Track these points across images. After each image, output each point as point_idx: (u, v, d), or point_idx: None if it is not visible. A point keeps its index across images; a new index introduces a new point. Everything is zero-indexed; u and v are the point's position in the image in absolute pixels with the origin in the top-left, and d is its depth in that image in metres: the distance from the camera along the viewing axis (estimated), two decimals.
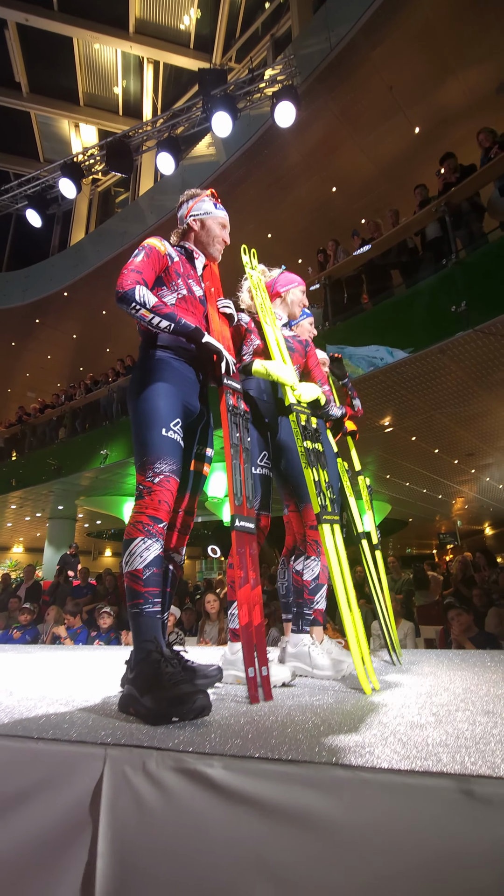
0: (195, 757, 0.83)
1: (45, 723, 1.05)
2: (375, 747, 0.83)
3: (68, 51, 11.05)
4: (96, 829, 0.83)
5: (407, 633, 3.63)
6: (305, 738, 0.91)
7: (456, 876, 0.65)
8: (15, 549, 16.44)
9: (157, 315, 1.43)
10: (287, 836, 0.74)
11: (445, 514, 13.71)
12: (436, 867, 0.67)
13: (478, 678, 1.58)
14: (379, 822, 0.71)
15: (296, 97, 6.19)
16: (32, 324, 11.72)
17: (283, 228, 9.26)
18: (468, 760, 0.75)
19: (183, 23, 10.70)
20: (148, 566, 1.24)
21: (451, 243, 5.23)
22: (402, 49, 6.46)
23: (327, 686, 1.52)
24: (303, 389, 1.72)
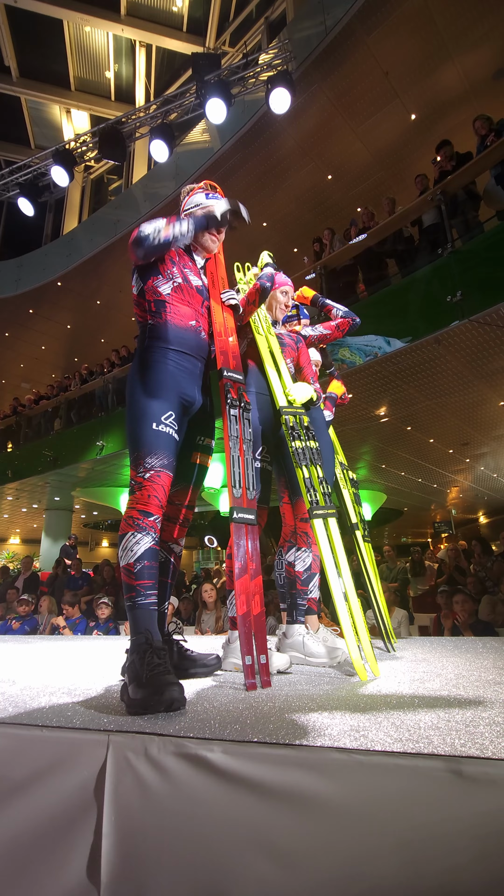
0: (196, 742, 0.86)
1: (49, 711, 1.08)
2: (369, 731, 0.86)
3: (58, 34, 10.81)
4: (101, 812, 0.86)
5: (401, 620, 3.69)
6: (302, 723, 0.94)
7: (443, 852, 0.69)
8: (12, 541, 16.47)
9: (173, 225, 1.49)
10: (285, 816, 0.77)
11: (440, 503, 13.80)
12: (425, 843, 0.70)
13: (469, 664, 1.62)
14: (372, 802, 0.74)
15: (291, 83, 6.10)
16: (26, 314, 11.61)
17: (278, 216, 9.18)
18: (458, 742, 0.78)
19: (175, 5, 10.47)
20: (138, 560, 1.26)
21: (447, 232, 5.22)
22: (398, 34, 6.37)
23: (323, 673, 1.56)
24: (296, 391, 1.74)
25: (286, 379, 1.79)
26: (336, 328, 2.26)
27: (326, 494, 1.58)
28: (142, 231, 1.45)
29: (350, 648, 1.37)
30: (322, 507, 1.55)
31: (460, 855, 0.68)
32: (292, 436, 1.64)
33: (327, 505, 1.56)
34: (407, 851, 0.70)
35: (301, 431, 1.66)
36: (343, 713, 1.00)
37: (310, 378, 2.07)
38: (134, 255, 1.50)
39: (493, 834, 0.68)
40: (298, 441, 1.63)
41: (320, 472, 1.61)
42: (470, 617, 3.30)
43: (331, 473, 2.12)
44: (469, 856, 0.67)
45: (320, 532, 1.51)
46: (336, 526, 1.55)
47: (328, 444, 2.16)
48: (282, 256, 9.76)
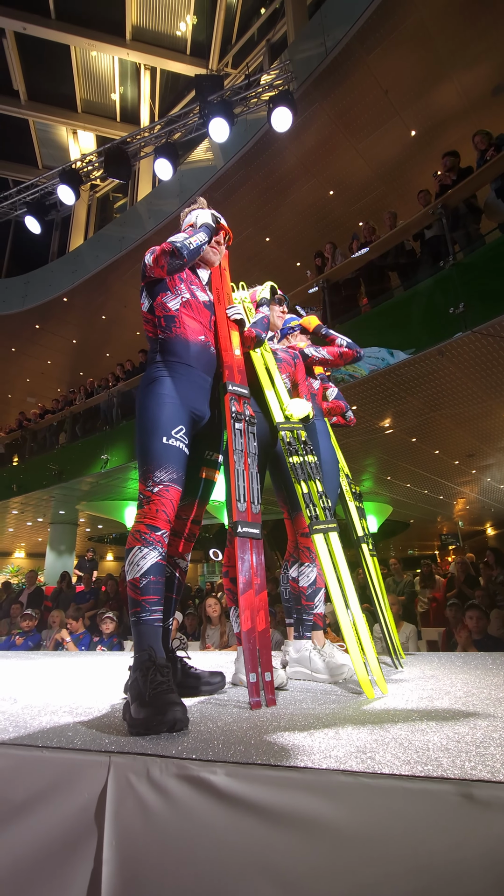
0: (198, 764, 0.84)
1: (50, 731, 1.06)
2: (377, 752, 0.84)
3: (66, 58, 11.11)
4: (101, 836, 0.84)
5: (409, 635, 3.63)
6: (307, 744, 0.92)
7: (455, 879, 0.66)
8: (17, 555, 16.45)
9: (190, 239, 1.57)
10: (290, 841, 0.75)
11: (447, 515, 13.70)
12: (436, 871, 0.68)
13: (479, 681, 1.59)
14: (380, 827, 0.72)
15: (292, 102, 6.22)
16: (32, 329, 11.75)
17: (281, 232, 9.30)
18: (468, 765, 0.76)
19: (179, 29, 10.76)
20: (144, 575, 1.25)
21: (449, 245, 5.25)
22: (397, 53, 6.50)
23: (330, 691, 1.53)
24: (293, 407, 1.74)
25: (283, 395, 1.79)
26: (339, 356, 2.25)
27: (326, 509, 1.56)
28: (175, 242, 1.51)
29: (356, 665, 1.35)
30: (322, 522, 1.53)
31: (475, 883, 0.65)
32: (290, 451, 1.63)
33: (327, 519, 1.55)
34: (418, 879, 0.68)
35: (298, 446, 1.65)
36: (349, 733, 0.97)
37: (304, 395, 2.07)
38: (159, 269, 1.52)
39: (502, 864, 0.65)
40: (296, 456, 1.62)
41: (319, 486, 1.59)
42: (480, 633, 3.24)
43: (334, 486, 2.11)
44: (485, 883, 0.65)
45: (321, 547, 1.49)
46: (337, 540, 1.53)
47: (331, 455, 2.15)
48: (285, 270, 9.88)
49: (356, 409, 6.43)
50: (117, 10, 10.21)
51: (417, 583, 7.04)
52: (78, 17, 10.14)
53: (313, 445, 2.09)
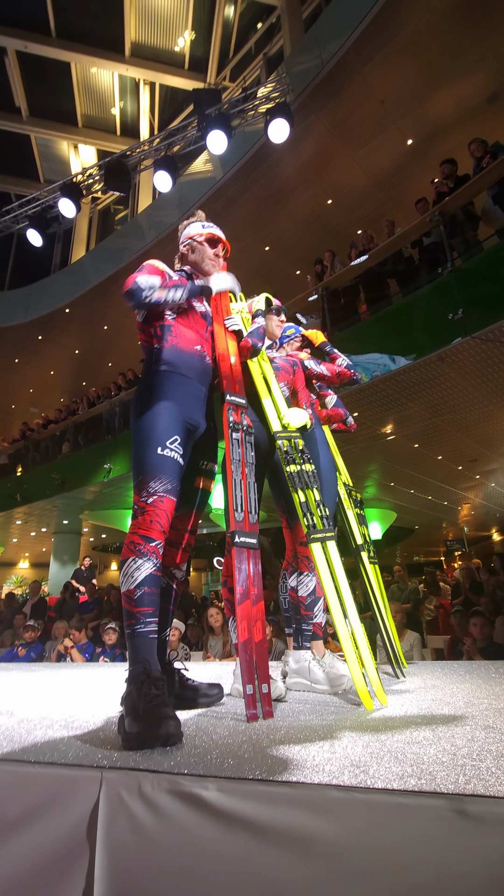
0: (190, 779, 0.83)
1: (44, 745, 1.05)
2: (370, 766, 0.83)
3: (66, 75, 11.32)
4: (93, 854, 0.83)
5: (413, 644, 3.60)
6: (301, 757, 0.90)
7: (449, 894, 0.65)
8: (21, 565, 16.44)
9: (168, 290, 1.48)
10: (283, 858, 0.74)
11: (452, 520, 13.62)
12: (430, 887, 0.66)
13: (481, 691, 1.57)
14: (373, 843, 0.71)
15: (289, 114, 6.29)
16: (35, 340, 11.84)
17: (280, 241, 9.37)
18: (462, 779, 0.75)
19: (177, 45, 10.93)
20: (139, 586, 1.24)
21: (447, 252, 5.28)
22: (393, 63, 6.58)
23: (328, 702, 1.52)
24: (290, 416, 1.74)
25: (280, 404, 1.79)
26: (336, 375, 2.26)
27: (324, 517, 1.56)
28: (137, 284, 1.43)
29: (354, 676, 1.33)
30: (320, 531, 1.53)
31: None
32: (287, 460, 1.63)
33: (325, 528, 1.54)
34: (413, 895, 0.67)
35: (296, 455, 1.65)
36: (344, 746, 0.96)
37: (303, 403, 2.07)
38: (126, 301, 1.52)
39: (497, 882, 0.64)
40: (293, 465, 1.62)
41: (317, 495, 1.59)
42: (484, 640, 3.20)
43: (333, 495, 2.10)
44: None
45: (318, 556, 1.48)
46: (335, 549, 1.52)
47: (330, 464, 2.14)
48: (285, 279, 9.92)
49: (357, 415, 6.43)
50: (116, 27, 10.40)
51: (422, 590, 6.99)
52: (78, 34, 10.34)
53: (312, 454, 2.09)
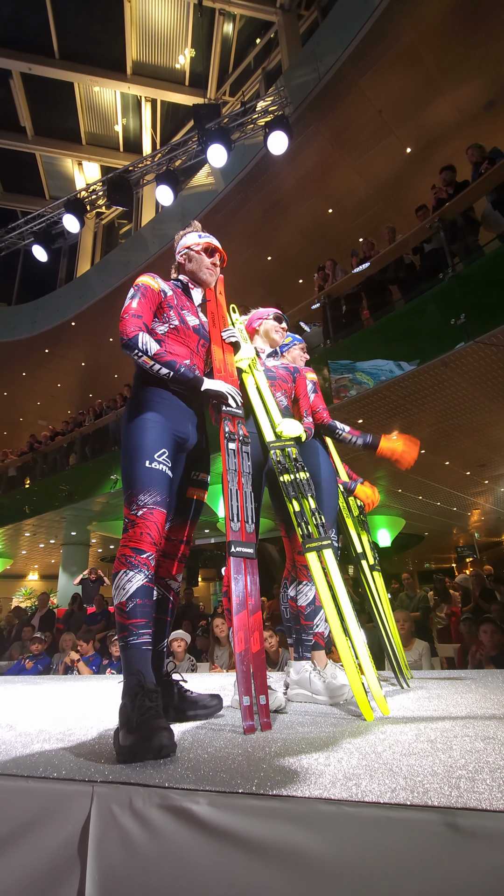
0: (181, 793, 0.82)
1: (39, 759, 1.05)
2: (363, 779, 0.81)
3: (70, 94, 11.58)
4: (84, 870, 0.82)
5: (422, 653, 3.54)
6: (294, 770, 0.89)
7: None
8: (30, 577, 16.49)
9: (158, 363, 1.49)
10: (272, 873, 0.73)
11: (462, 526, 13.48)
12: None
13: (486, 700, 1.54)
14: (363, 858, 0.70)
15: (287, 126, 6.38)
16: (42, 354, 11.99)
17: (282, 251, 9.44)
18: (454, 793, 0.73)
19: (178, 62, 11.15)
20: (131, 598, 1.24)
21: (448, 257, 5.28)
22: (390, 73, 6.65)
23: (329, 713, 1.50)
24: (285, 426, 1.74)
25: (274, 413, 1.79)
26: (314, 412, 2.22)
27: (320, 526, 1.55)
28: (135, 339, 1.48)
29: (354, 686, 1.32)
30: (315, 540, 1.52)
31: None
32: (280, 470, 1.63)
33: (321, 537, 1.53)
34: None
35: (289, 464, 1.65)
36: (339, 759, 0.95)
37: (304, 410, 2.07)
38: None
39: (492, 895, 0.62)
40: (287, 474, 1.62)
41: (312, 503, 1.58)
42: (494, 648, 3.15)
43: (333, 503, 2.09)
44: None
45: (314, 565, 1.47)
46: (332, 557, 1.51)
47: (329, 472, 2.13)
48: (288, 288, 9.97)
49: (362, 422, 6.42)
50: (118, 47, 10.64)
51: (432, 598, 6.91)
52: (80, 55, 10.60)
53: (310, 463, 2.08)
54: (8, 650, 6.57)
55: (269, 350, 2.19)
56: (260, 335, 2.19)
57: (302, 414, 2.07)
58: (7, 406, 13.95)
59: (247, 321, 2.21)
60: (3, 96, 11.41)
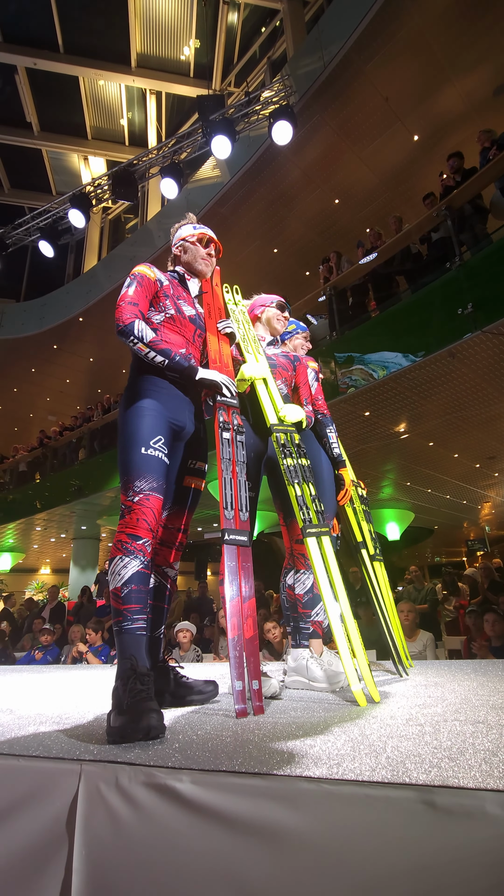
0: (165, 772, 0.83)
1: (32, 740, 1.07)
2: (345, 760, 0.82)
3: (74, 89, 11.57)
4: (72, 846, 0.84)
5: (427, 644, 3.53)
6: (279, 750, 0.90)
7: (417, 887, 0.64)
8: (42, 571, 16.71)
9: (153, 350, 1.50)
10: (253, 849, 0.73)
11: (473, 520, 13.37)
12: (397, 878, 0.65)
13: (482, 688, 1.53)
14: (342, 834, 0.70)
15: (292, 116, 6.31)
16: (51, 350, 12.08)
17: (288, 243, 9.38)
18: (434, 772, 0.73)
19: (183, 53, 11.08)
20: (126, 584, 1.25)
21: (455, 246, 5.21)
22: (396, 60, 6.54)
23: (323, 699, 1.50)
24: (287, 411, 1.74)
25: (276, 398, 1.79)
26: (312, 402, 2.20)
27: (319, 513, 1.55)
28: (131, 326, 1.49)
29: (347, 673, 1.32)
30: (315, 526, 1.52)
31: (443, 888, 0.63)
32: (284, 453, 1.62)
33: (321, 523, 1.53)
34: (378, 889, 0.65)
35: (292, 449, 1.64)
36: (325, 741, 0.95)
37: (304, 399, 2.06)
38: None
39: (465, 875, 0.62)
40: (290, 459, 1.62)
41: (312, 489, 1.58)
42: (498, 639, 3.13)
43: (333, 492, 2.08)
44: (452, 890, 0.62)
45: (314, 551, 1.47)
46: (330, 545, 1.51)
47: (329, 463, 2.13)
48: (294, 280, 9.89)
49: (369, 414, 6.38)
50: (122, 40, 10.59)
51: (440, 591, 6.87)
52: (85, 49, 10.58)
53: (312, 451, 2.08)
54: (20, 641, 6.69)
55: (270, 338, 2.18)
56: (262, 322, 2.18)
57: (302, 402, 2.07)
58: (17, 402, 14.10)
59: (249, 306, 2.20)
60: (9, 93, 11.44)
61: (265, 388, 1.80)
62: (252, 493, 1.78)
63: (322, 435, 2.17)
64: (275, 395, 1.82)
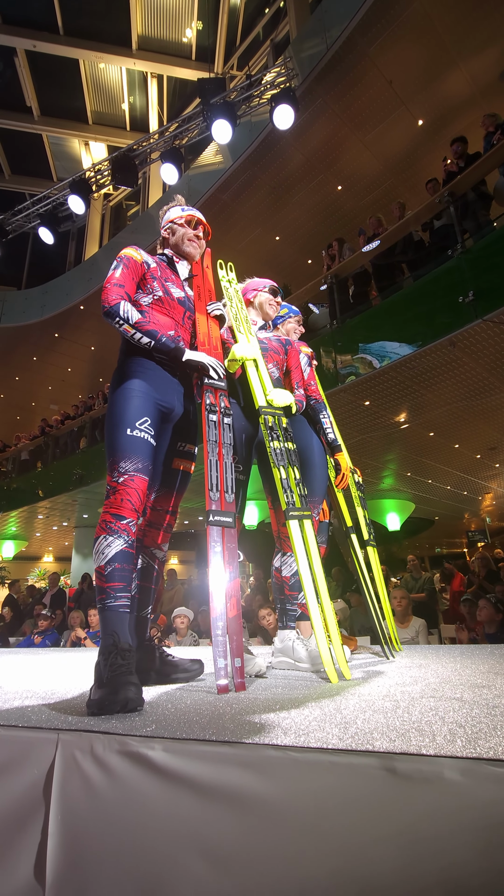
0: (138, 740, 0.85)
1: (14, 713, 1.09)
2: (313, 731, 0.83)
3: (75, 72, 11.41)
4: (48, 811, 0.86)
5: (419, 630, 3.56)
6: (252, 722, 0.92)
7: (378, 850, 0.65)
8: (45, 559, 16.86)
9: (139, 331, 1.49)
10: (220, 814, 0.75)
11: (474, 511, 13.35)
12: (359, 843, 0.67)
13: (465, 669, 1.55)
14: (306, 800, 0.72)
15: (293, 99, 6.21)
16: (52, 338, 12.06)
17: (290, 230, 9.28)
18: (400, 741, 0.75)
19: (185, 35, 10.89)
20: (109, 562, 1.26)
21: (458, 233, 5.15)
22: (400, 43, 6.41)
23: (308, 678, 1.52)
24: (275, 395, 1.74)
25: (266, 381, 1.79)
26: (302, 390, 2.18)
27: (303, 497, 1.56)
28: (117, 307, 1.48)
29: (321, 652, 1.34)
30: (298, 509, 1.53)
31: (385, 863, 0.64)
32: (271, 436, 1.63)
33: (303, 507, 1.54)
34: (334, 855, 0.67)
35: (280, 432, 1.65)
36: (300, 713, 0.97)
37: (295, 382, 2.06)
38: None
39: (422, 839, 0.64)
40: (277, 441, 1.62)
41: (297, 473, 1.59)
42: (490, 626, 3.15)
43: (323, 477, 2.09)
44: (393, 864, 0.64)
45: (296, 533, 1.48)
46: (311, 528, 1.52)
47: (320, 446, 2.13)
48: (296, 269, 9.80)
49: (369, 404, 6.36)
50: (123, 22, 10.42)
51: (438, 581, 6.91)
52: (85, 30, 10.41)
53: (303, 436, 2.09)
54: (20, 627, 6.78)
55: (262, 322, 2.17)
56: (254, 307, 2.17)
57: (293, 386, 2.06)
58: (19, 391, 14.11)
59: (241, 290, 2.19)
60: (8, 76, 11.29)
61: (255, 370, 1.80)
62: (242, 476, 1.78)
63: (316, 420, 2.17)
64: (265, 378, 1.82)
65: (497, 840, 0.61)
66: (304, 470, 1.92)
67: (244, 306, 2.06)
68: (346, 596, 5.58)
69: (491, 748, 0.69)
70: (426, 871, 0.62)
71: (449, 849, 0.62)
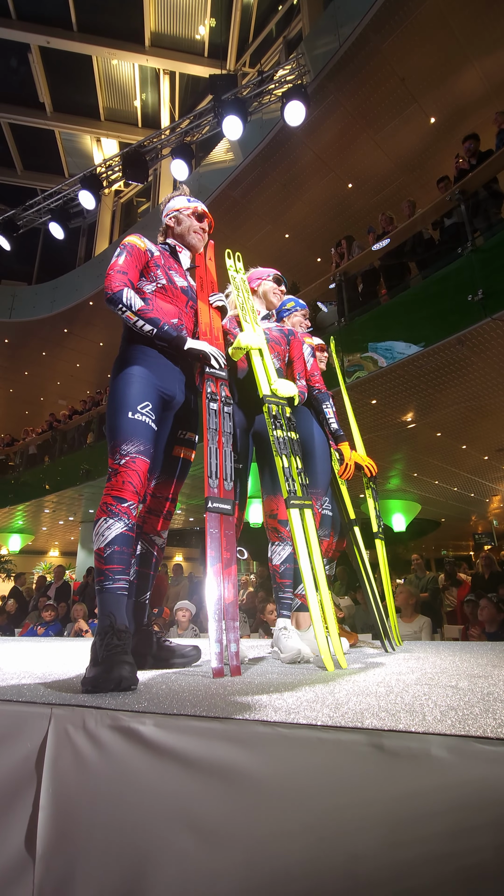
0: (129, 715, 0.86)
1: (10, 690, 1.10)
2: (303, 710, 0.83)
3: (88, 69, 11.46)
4: (39, 783, 0.87)
5: (422, 627, 3.55)
6: (243, 702, 0.92)
7: (364, 825, 0.65)
8: (51, 553, 16.98)
9: (142, 318, 1.50)
10: (209, 788, 0.76)
11: (481, 513, 13.25)
12: (345, 818, 0.67)
13: (464, 662, 1.54)
14: (294, 775, 0.72)
15: (304, 96, 6.19)
16: (61, 333, 12.13)
17: (300, 228, 9.26)
18: (388, 720, 0.75)
19: (198, 33, 10.90)
20: (109, 544, 1.27)
21: (468, 231, 5.11)
22: (414, 40, 6.37)
23: (304, 666, 1.52)
24: (280, 385, 1.74)
25: (270, 371, 1.79)
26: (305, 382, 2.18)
27: (304, 486, 1.56)
28: (120, 294, 1.49)
29: (318, 640, 1.33)
30: (299, 498, 1.52)
31: (371, 838, 0.64)
32: (274, 425, 1.63)
33: (304, 496, 1.54)
34: (319, 830, 0.67)
35: (283, 421, 1.65)
36: (290, 696, 0.97)
37: (297, 373, 2.05)
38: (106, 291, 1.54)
39: (408, 815, 0.63)
40: (280, 430, 1.62)
41: (299, 463, 1.59)
42: (492, 625, 3.13)
43: (327, 468, 2.08)
44: (379, 839, 0.64)
45: (296, 522, 1.48)
46: (311, 518, 1.52)
47: (322, 438, 2.13)
48: (306, 266, 9.77)
49: (376, 403, 6.33)
50: (136, 19, 10.44)
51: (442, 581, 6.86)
52: (98, 27, 10.44)
53: (306, 427, 2.09)
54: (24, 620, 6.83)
55: (265, 312, 2.17)
56: (258, 296, 2.16)
57: (295, 376, 2.06)
58: (28, 385, 14.22)
59: (246, 278, 2.19)
60: (22, 72, 11.36)
61: (260, 359, 1.80)
62: (240, 465, 1.78)
63: (319, 410, 2.17)
64: (269, 367, 1.82)
65: (482, 817, 0.60)
66: (305, 460, 1.91)
67: (251, 296, 2.06)
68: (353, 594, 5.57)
69: (480, 727, 0.68)
70: (410, 846, 0.62)
71: (434, 825, 0.62)
